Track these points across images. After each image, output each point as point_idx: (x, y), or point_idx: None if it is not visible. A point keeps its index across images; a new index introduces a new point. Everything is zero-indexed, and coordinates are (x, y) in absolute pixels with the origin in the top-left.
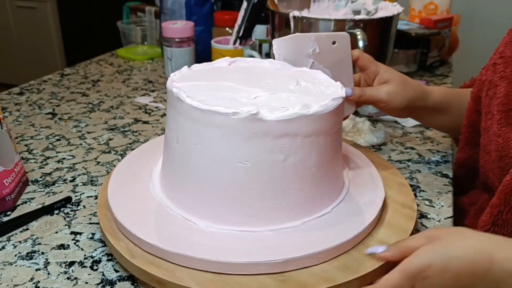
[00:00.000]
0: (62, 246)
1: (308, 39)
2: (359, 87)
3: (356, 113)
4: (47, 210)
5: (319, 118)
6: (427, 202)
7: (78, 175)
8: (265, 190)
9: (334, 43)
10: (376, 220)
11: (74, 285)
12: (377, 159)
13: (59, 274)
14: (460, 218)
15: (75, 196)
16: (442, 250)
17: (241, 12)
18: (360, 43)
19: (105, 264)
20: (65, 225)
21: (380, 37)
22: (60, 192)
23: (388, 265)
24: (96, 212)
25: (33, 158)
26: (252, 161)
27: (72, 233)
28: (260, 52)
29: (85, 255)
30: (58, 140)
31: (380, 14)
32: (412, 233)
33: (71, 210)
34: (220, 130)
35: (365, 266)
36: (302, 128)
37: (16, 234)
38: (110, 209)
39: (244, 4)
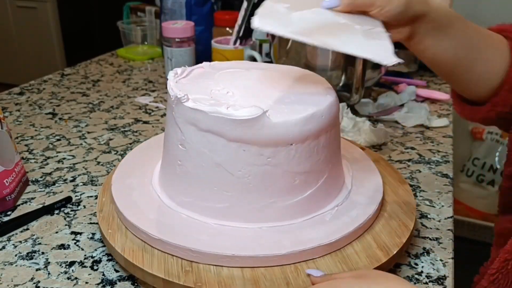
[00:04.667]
0: (62, 246)
1: None
2: None
3: (356, 113)
4: (47, 210)
5: (316, 119)
6: (427, 202)
7: (78, 175)
8: (270, 189)
9: None
10: (374, 217)
11: (75, 285)
12: (377, 159)
13: (59, 274)
14: (497, 245)
15: (75, 196)
16: (352, 284)
17: (241, 12)
18: None
19: (105, 264)
20: (65, 225)
21: None
22: (60, 192)
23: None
24: (96, 212)
25: (33, 158)
26: (259, 161)
27: (72, 233)
28: (260, 52)
29: (85, 255)
30: (58, 140)
31: None
32: (412, 233)
33: (71, 210)
34: (222, 132)
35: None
36: (304, 128)
37: (16, 234)
38: (117, 208)
39: (244, 4)
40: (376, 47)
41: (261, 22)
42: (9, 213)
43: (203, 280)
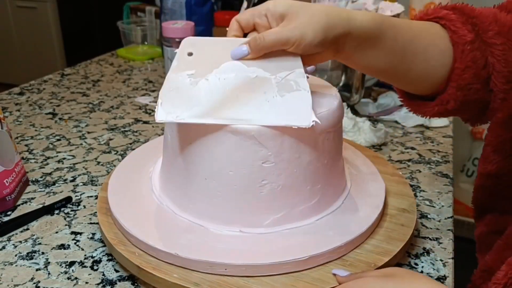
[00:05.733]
0: (62, 246)
1: None
2: (253, 37)
3: (356, 113)
4: (48, 210)
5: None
6: (427, 202)
7: (79, 175)
8: (277, 191)
9: None
10: (377, 221)
11: (75, 285)
12: (377, 159)
13: (59, 274)
14: (480, 252)
15: (75, 196)
16: (380, 283)
17: (241, 12)
18: None
19: (105, 264)
20: (66, 225)
21: None
22: (61, 192)
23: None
24: (96, 212)
25: (34, 158)
26: (267, 162)
27: (72, 233)
28: None
29: (85, 255)
30: (58, 140)
31: None
32: (412, 233)
33: (72, 210)
34: (229, 135)
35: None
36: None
37: (16, 234)
38: (112, 213)
39: (244, 4)
40: (292, 108)
41: (162, 115)
42: (9, 213)
43: None
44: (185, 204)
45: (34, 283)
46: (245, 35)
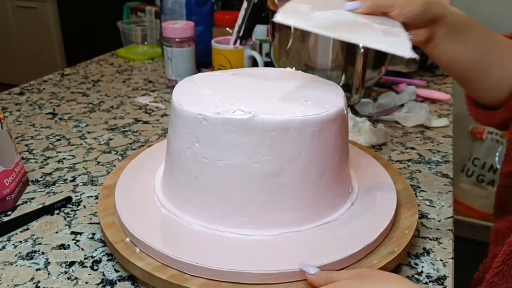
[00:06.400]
0: (62, 246)
1: None
2: None
3: (356, 113)
4: (48, 210)
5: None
6: (427, 202)
7: (79, 175)
8: (285, 191)
9: None
10: (391, 226)
11: (75, 285)
12: (377, 159)
13: (59, 274)
14: (494, 243)
15: (76, 196)
16: (356, 285)
17: (241, 12)
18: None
19: (106, 264)
20: (66, 225)
21: None
22: (61, 192)
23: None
24: (96, 212)
25: (34, 158)
26: (271, 161)
27: (72, 233)
28: (260, 52)
29: (85, 255)
30: (58, 140)
31: None
32: (412, 233)
33: (72, 210)
34: (234, 135)
35: None
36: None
37: (16, 234)
38: (119, 215)
39: (245, 4)
40: (395, 42)
41: (284, 16)
42: (9, 213)
43: None
44: (190, 207)
45: (34, 283)
46: None
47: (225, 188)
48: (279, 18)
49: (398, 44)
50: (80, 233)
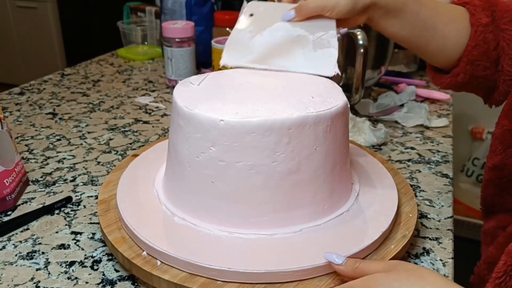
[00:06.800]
0: (62, 246)
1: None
2: (299, 3)
3: (356, 113)
4: (48, 210)
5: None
6: (427, 202)
7: (79, 175)
8: (291, 189)
9: None
10: (391, 226)
11: (75, 285)
12: (377, 158)
13: (59, 274)
14: (485, 244)
15: (76, 196)
16: (388, 281)
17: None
18: (360, 43)
19: (106, 264)
20: (66, 225)
21: (380, 37)
22: (61, 192)
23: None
24: (96, 212)
25: (34, 158)
26: (279, 160)
27: (72, 233)
28: None
29: (85, 255)
30: (58, 140)
31: None
32: (412, 233)
33: (72, 210)
34: (253, 135)
35: None
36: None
37: (16, 234)
38: (131, 230)
39: (244, 4)
40: (321, 61)
41: (227, 60)
42: (9, 213)
43: None
44: (206, 213)
45: (34, 283)
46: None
47: (245, 189)
48: (223, 62)
49: (322, 66)
50: (80, 233)
